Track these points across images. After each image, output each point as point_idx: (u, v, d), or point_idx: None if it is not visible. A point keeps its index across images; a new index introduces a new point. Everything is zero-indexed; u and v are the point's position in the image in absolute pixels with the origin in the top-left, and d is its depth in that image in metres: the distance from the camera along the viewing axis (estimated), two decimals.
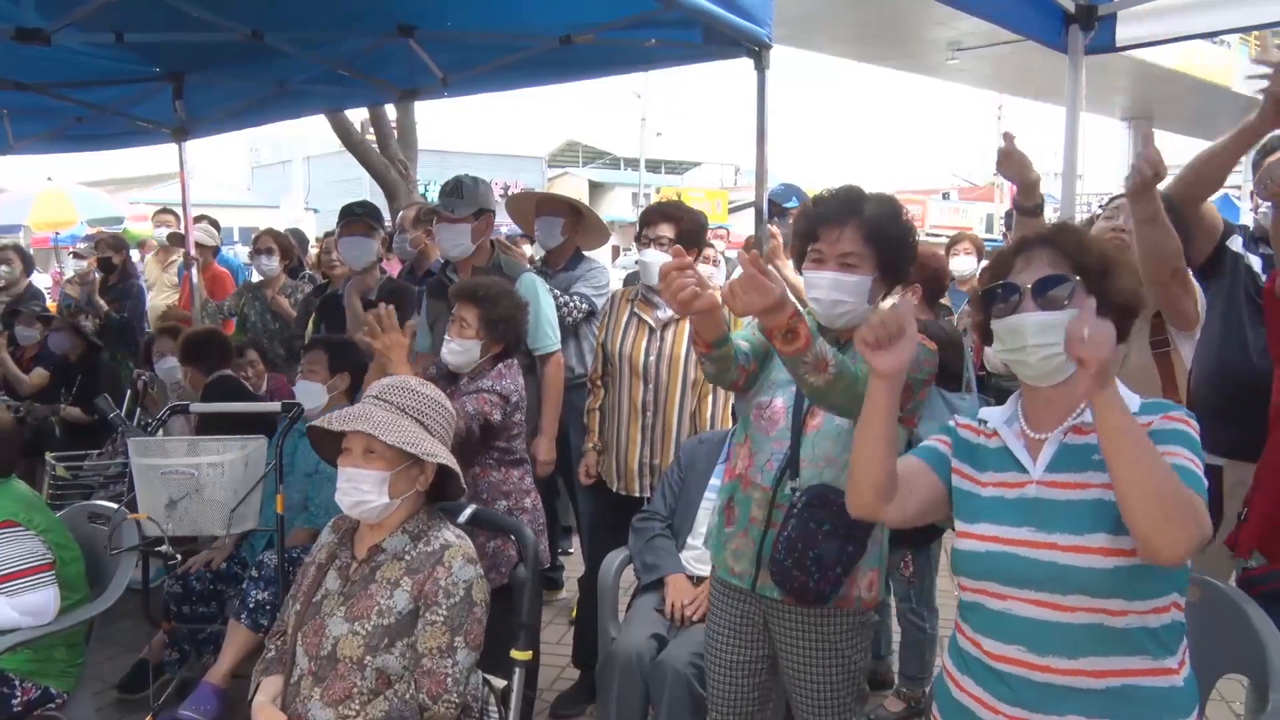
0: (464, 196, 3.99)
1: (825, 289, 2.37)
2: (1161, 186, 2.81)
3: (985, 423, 1.98)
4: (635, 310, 3.84)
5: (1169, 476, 1.62)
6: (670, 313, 3.74)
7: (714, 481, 3.40)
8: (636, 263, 3.96)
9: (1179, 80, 17.56)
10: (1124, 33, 4.26)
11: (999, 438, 1.93)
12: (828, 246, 2.37)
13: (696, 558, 3.36)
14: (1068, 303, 1.77)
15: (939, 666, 2.09)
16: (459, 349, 3.28)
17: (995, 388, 4.80)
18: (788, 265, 4.22)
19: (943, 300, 4.59)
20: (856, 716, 2.54)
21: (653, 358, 3.73)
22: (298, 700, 2.27)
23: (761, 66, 3.85)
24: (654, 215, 3.84)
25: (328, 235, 5.95)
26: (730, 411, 3.79)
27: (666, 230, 3.75)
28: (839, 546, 2.34)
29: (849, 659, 2.48)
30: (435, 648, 2.23)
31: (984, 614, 1.87)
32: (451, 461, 2.41)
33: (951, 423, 2.03)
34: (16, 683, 3.06)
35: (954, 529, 1.97)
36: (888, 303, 3.72)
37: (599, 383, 3.94)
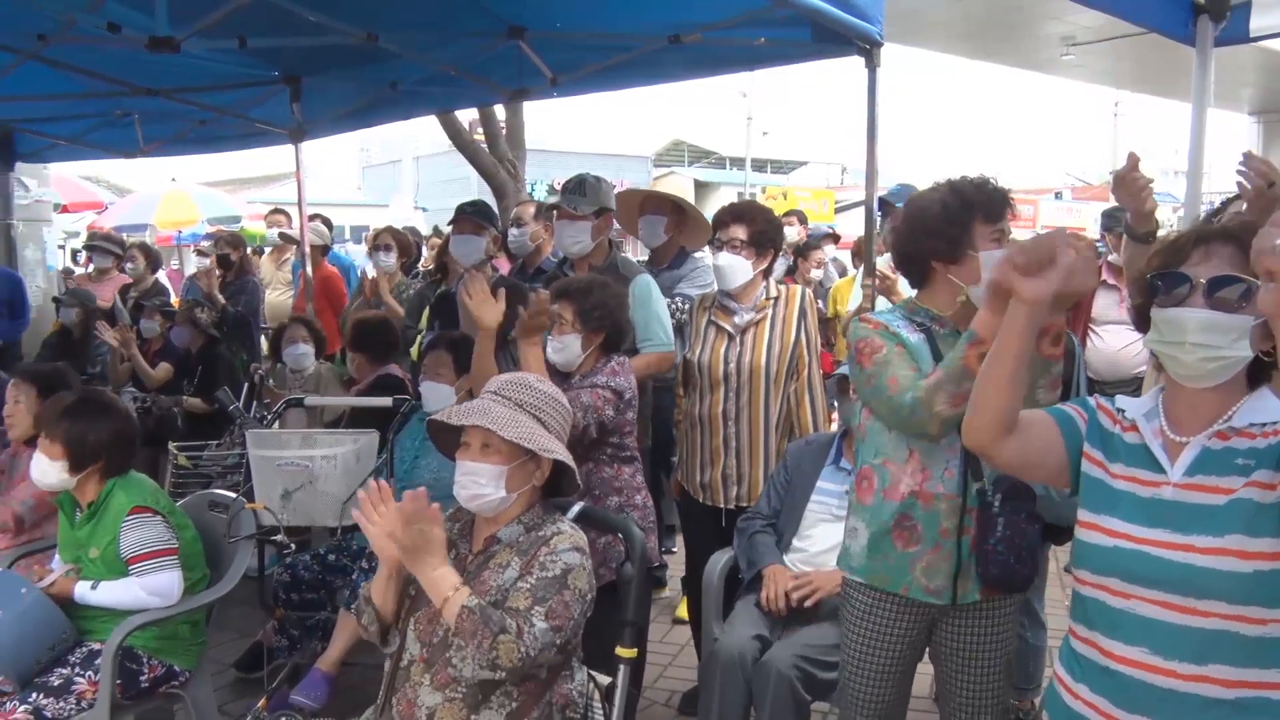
0: (586, 194, 4.02)
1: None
2: None
3: (1123, 412, 1.88)
4: (712, 318, 3.77)
5: None
6: (749, 317, 3.68)
7: (822, 484, 3.36)
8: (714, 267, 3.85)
9: None
10: (1258, 22, 4.04)
11: (1136, 432, 1.83)
12: (1014, 223, 2.48)
13: (803, 559, 3.32)
14: (1240, 306, 1.66)
15: (1048, 678, 2.04)
16: (560, 345, 3.29)
17: (1098, 392, 4.65)
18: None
19: None
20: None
21: (732, 365, 3.66)
22: (407, 685, 2.31)
23: (873, 64, 3.80)
24: (726, 217, 3.75)
25: (445, 235, 6.06)
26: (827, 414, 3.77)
27: (739, 232, 3.67)
28: (1037, 529, 2.41)
29: (1010, 642, 2.58)
30: (515, 608, 2.25)
31: (1103, 611, 1.79)
32: (568, 457, 2.43)
33: (1092, 401, 1.94)
34: (144, 659, 3.19)
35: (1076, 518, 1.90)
36: None
37: (680, 393, 3.91)
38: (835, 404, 3.68)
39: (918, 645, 2.59)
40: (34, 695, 2.96)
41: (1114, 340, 4.97)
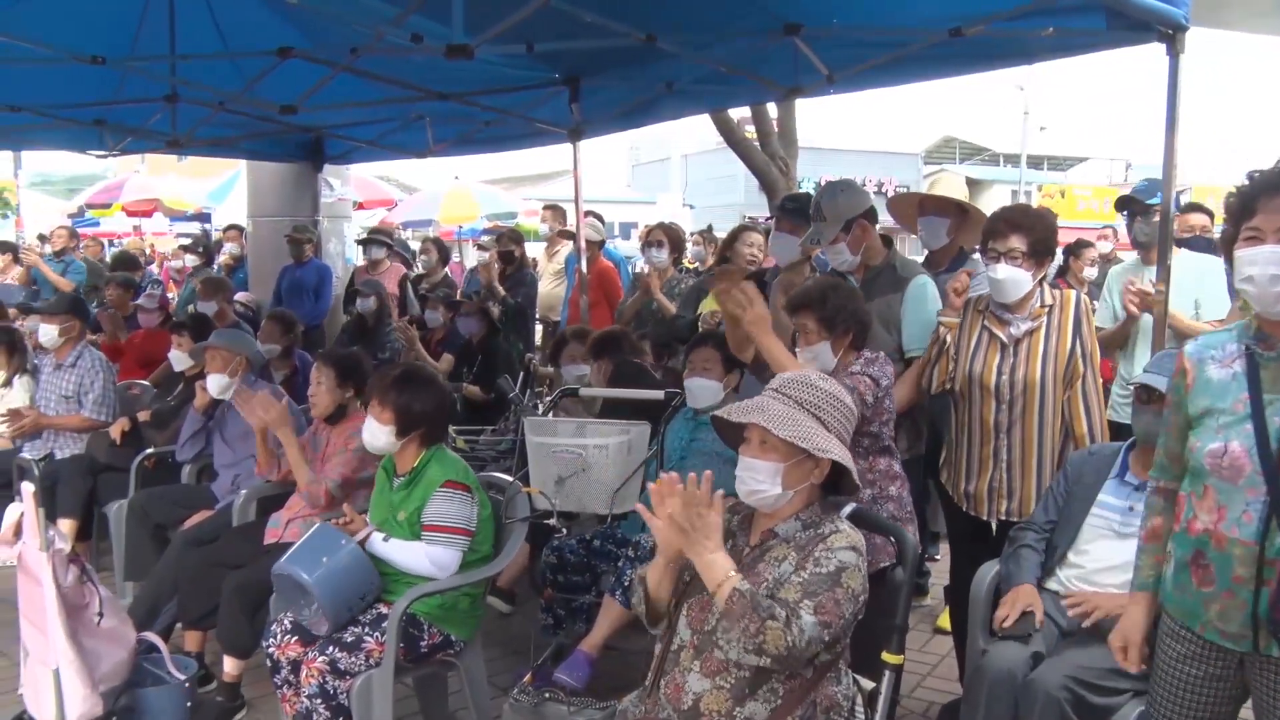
0: (826, 219, 3.93)
1: (1262, 265, 2.16)
2: None
3: None
4: (986, 324, 3.61)
5: None
6: (1024, 327, 3.51)
7: (1104, 498, 3.19)
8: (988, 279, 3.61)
9: None
10: None
11: None
12: (1265, 220, 2.16)
13: (1079, 576, 3.16)
14: None
15: None
16: (811, 355, 3.32)
17: None
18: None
19: None
20: None
21: (1005, 376, 3.51)
22: (676, 669, 2.37)
23: (1175, 51, 3.54)
24: (1001, 226, 3.50)
25: (742, 227, 6.12)
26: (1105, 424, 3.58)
27: (1018, 243, 3.44)
28: None
29: None
30: (785, 599, 2.25)
31: None
32: (845, 458, 2.42)
33: None
34: (425, 626, 3.42)
35: None
36: None
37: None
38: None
39: (1231, 693, 2.36)
40: (330, 648, 3.25)
41: None
